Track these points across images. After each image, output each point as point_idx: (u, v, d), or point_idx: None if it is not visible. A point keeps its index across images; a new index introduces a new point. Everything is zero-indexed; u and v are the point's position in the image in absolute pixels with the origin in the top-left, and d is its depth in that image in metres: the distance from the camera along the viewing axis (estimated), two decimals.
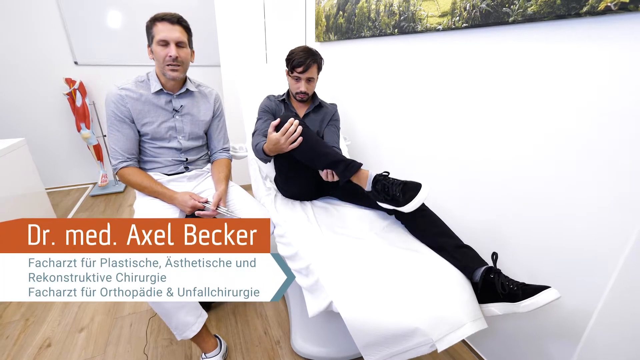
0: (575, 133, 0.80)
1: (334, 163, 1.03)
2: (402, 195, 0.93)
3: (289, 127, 1.01)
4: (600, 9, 0.68)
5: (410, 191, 0.92)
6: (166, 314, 0.99)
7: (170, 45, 1.08)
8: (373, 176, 1.00)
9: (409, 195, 0.92)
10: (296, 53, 1.27)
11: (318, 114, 1.41)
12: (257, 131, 1.29)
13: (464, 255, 0.92)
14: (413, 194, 0.91)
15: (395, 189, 0.94)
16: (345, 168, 1.01)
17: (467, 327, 0.77)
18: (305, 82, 1.30)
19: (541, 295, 0.74)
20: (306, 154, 1.06)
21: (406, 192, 0.93)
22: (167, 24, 1.08)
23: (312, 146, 1.05)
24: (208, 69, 2.90)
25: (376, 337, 0.76)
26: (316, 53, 1.29)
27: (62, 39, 2.45)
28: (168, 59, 1.09)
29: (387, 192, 0.96)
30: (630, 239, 0.70)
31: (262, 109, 1.36)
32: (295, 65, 1.26)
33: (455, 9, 1.04)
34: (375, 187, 0.99)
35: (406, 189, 0.93)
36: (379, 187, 0.98)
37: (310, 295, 0.93)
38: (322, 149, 1.05)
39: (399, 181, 0.96)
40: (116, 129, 1.14)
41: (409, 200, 0.91)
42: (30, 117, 2.53)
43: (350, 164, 1.01)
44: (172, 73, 1.12)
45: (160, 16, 1.08)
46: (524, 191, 0.95)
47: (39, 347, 1.23)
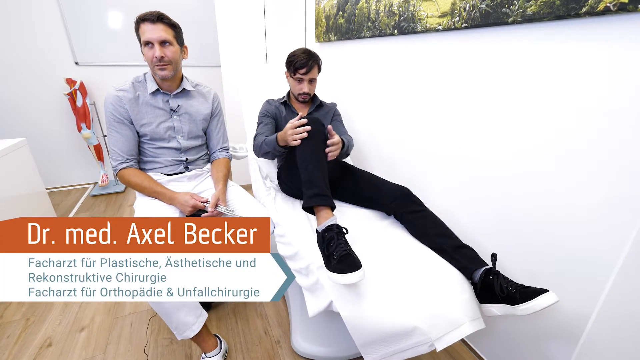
0: (574, 133, 0.80)
1: (310, 182, 0.98)
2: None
3: (299, 124, 1.02)
4: (600, 9, 0.68)
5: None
6: (166, 313, 1.00)
7: (154, 45, 1.07)
8: (332, 224, 0.91)
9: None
10: (297, 55, 1.28)
11: (320, 112, 1.44)
12: (259, 135, 1.30)
13: (463, 256, 0.92)
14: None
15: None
16: (313, 195, 0.96)
17: (466, 326, 0.77)
18: (307, 83, 1.32)
19: (539, 299, 0.74)
20: (301, 158, 1.03)
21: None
22: (149, 24, 1.05)
23: (309, 157, 1.02)
24: (208, 69, 2.90)
25: (375, 335, 0.76)
26: (316, 54, 1.32)
27: (62, 39, 2.45)
28: (155, 60, 1.08)
29: (328, 244, 0.87)
30: (629, 238, 0.70)
31: (263, 113, 1.38)
32: (298, 67, 1.28)
33: (455, 10, 1.04)
34: (325, 234, 0.89)
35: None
36: (327, 236, 0.88)
37: (310, 295, 0.94)
38: (314, 164, 1.01)
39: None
40: (115, 131, 1.14)
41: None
42: (31, 117, 2.54)
43: (320, 196, 0.95)
44: (160, 72, 1.11)
45: (141, 17, 1.06)
46: (524, 191, 0.95)
47: (39, 347, 1.23)
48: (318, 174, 1.00)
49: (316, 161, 1.01)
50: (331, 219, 0.92)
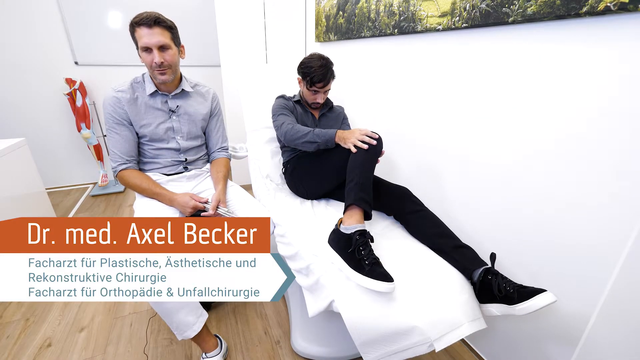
0: (574, 133, 0.80)
1: (361, 185, 0.98)
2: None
3: (371, 134, 1.04)
4: (600, 9, 0.68)
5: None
6: (167, 313, 1.00)
7: (153, 51, 1.05)
8: (365, 229, 0.91)
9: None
10: (315, 69, 1.26)
11: (332, 115, 1.47)
12: (286, 123, 1.25)
13: (462, 256, 0.92)
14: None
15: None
16: (361, 199, 0.96)
17: (465, 327, 0.77)
18: (322, 94, 1.34)
19: (536, 299, 0.75)
20: (362, 162, 1.04)
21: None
22: (145, 29, 1.02)
23: (368, 162, 1.04)
24: (208, 69, 2.90)
25: (375, 335, 0.76)
26: (331, 63, 1.30)
27: (62, 39, 2.45)
28: (154, 65, 1.07)
29: (359, 249, 0.87)
30: (630, 237, 0.70)
31: (282, 105, 1.34)
32: (316, 81, 1.27)
33: (455, 9, 1.04)
34: (356, 237, 0.88)
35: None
36: (359, 241, 0.87)
37: (311, 295, 0.94)
38: (368, 172, 1.03)
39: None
40: (115, 132, 1.14)
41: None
42: (30, 117, 2.54)
43: (366, 202, 0.96)
44: (161, 77, 1.10)
45: (137, 20, 1.03)
46: (523, 190, 0.95)
47: (39, 347, 1.23)
48: (370, 183, 1.01)
49: (370, 172, 1.04)
50: (364, 224, 0.93)
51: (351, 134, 1.08)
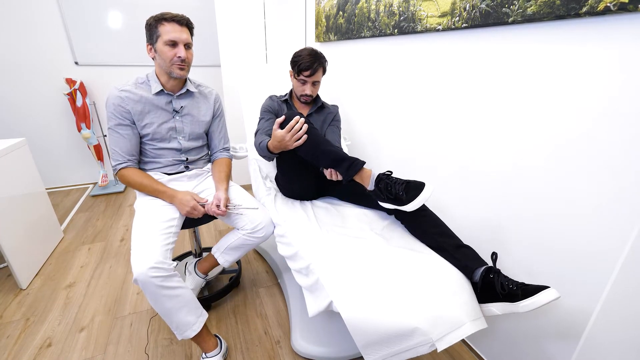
0: (575, 133, 0.80)
1: (337, 161, 1.03)
2: (404, 194, 0.93)
3: (294, 124, 1.02)
4: (600, 9, 0.68)
5: (413, 190, 0.92)
6: (167, 313, 1.00)
7: (179, 46, 1.10)
8: (376, 175, 1.00)
9: (411, 195, 0.92)
10: (303, 57, 1.27)
11: (320, 114, 1.42)
12: (260, 130, 1.29)
13: (463, 255, 0.92)
14: (416, 193, 0.91)
15: (398, 188, 0.94)
16: (349, 167, 1.01)
17: (467, 326, 0.77)
18: (310, 85, 1.31)
19: (540, 295, 0.74)
20: (310, 151, 1.06)
21: (409, 191, 0.93)
22: (177, 25, 1.09)
23: (316, 144, 1.06)
24: (208, 69, 2.90)
25: (376, 336, 0.76)
26: (321, 56, 1.30)
27: (62, 39, 2.45)
28: (176, 59, 1.11)
29: (390, 191, 0.96)
30: (630, 237, 0.70)
31: (265, 108, 1.36)
32: (303, 69, 1.27)
33: (455, 9, 1.04)
34: (378, 185, 0.99)
35: (409, 188, 0.93)
36: (382, 185, 0.98)
37: (310, 295, 0.94)
38: (326, 147, 1.06)
39: (402, 180, 0.96)
40: (116, 131, 1.14)
41: (412, 199, 0.92)
42: (30, 117, 2.54)
43: (354, 163, 1.01)
44: (179, 72, 1.13)
45: (169, 16, 1.09)
46: (523, 190, 0.95)
47: (39, 347, 1.23)
48: (333, 149, 1.05)
49: (322, 142, 1.06)
50: (374, 173, 1.01)
51: (282, 139, 1.05)
